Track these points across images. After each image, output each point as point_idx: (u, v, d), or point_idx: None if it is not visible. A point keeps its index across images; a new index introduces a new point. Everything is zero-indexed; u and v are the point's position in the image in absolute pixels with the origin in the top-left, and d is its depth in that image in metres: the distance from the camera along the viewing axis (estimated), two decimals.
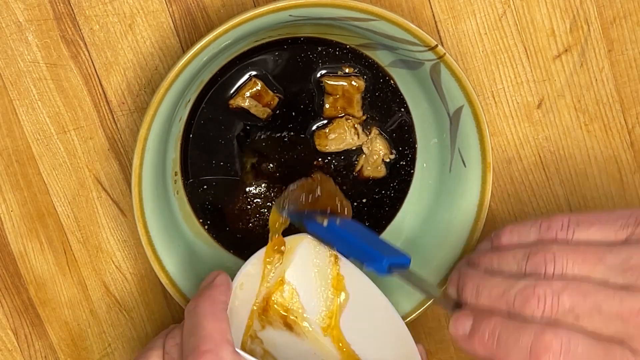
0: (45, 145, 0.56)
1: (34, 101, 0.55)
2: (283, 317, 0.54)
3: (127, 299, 0.59)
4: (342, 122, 0.57)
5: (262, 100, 0.55)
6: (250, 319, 0.52)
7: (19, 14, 0.54)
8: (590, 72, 0.58)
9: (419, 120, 0.57)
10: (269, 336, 0.53)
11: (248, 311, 0.52)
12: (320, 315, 0.54)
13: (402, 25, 0.49)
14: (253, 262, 0.52)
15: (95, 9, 0.54)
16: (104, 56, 0.55)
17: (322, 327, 0.54)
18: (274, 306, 0.54)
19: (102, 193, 0.57)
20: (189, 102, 0.54)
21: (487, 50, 0.57)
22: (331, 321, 0.54)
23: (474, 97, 0.52)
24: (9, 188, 0.56)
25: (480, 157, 0.54)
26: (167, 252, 0.53)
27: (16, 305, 0.58)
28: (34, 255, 0.57)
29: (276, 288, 0.54)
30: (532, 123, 0.59)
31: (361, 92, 0.56)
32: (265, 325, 0.53)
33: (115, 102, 0.56)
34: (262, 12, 0.48)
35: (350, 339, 0.54)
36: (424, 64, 0.52)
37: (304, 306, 0.54)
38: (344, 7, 0.49)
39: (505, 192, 0.60)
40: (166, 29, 0.55)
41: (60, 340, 0.59)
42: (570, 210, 0.60)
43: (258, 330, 0.53)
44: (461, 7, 0.57)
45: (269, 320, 0.53)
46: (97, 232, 0.58)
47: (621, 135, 0.60)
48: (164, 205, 0.54)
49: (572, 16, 0.57)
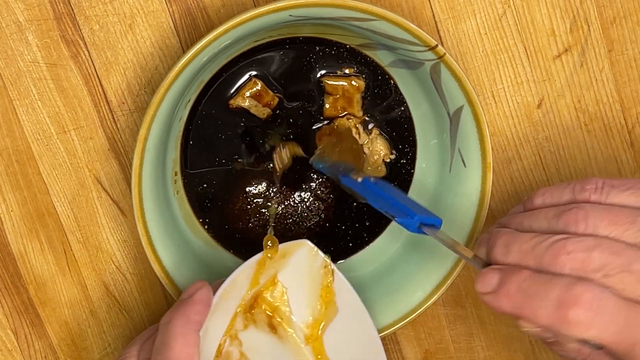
0: (45, 145, 0.56)
1: (34, 101, 0.55)
2: (269, 317, 0.54)
3: (127, 299, 0.59)
4: (343, 122, 0.57)
5: (262, 100, 0.55)
6: (233, 320, 0.52)
7: (19, 14, 0.54)
8: (590, 72, 0.58)
9: (419, 120, 0.57)
10: (250, 337, 0.53)
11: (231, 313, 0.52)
12: (305, 323, 0.54)
13: (402, 25, 0.49)
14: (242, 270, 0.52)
15: (95, 9, 0.54)
16: (104, 56, 0.55)
17: (306, 335, 0.54)
18: (262, 305, 0.53)
19: (102, 193, 0.57)
20: (189, 102, 0.54)
21: (487, 50, 0.57)
22: (315, 331, 0.54)
23: (474, 97, 0.52)
24: (9, 188, 0.56)
25: (480, 157, 0.54)
26: (167, 252, 0.53)
27: (16, 305, 0.58)
28: (34, 255, 0.57)
29: (267, 287, 0.54)
30: (532, 123, 0.59)
31: (361, 92, 0.56)
32: (249, 324, 0.53)
33: (115, 102, 0.56)
34: (262, 12, 0.48)
35: (330, 354, 0.54)
36: (424, 64, 0.52)
37: (292, 309, 0.54)
38: (344, 7, 0.49)
39: (505, 192, 0.60)
40: (166, 29, 0.55)
41: (60, 340, 0.59)
42: None
43: (240, 330, 0.52)
44: (461, 7, 0.57)
45: (254, 318, 0.53)
46: (97, 232, 0.58)
47: (621, 135, 0.60)
48: (164, 205, 0.54)
49: (572, 16, 0.57)
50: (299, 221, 0.58)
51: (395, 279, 0.57)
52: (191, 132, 0.55)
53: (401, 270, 0.57)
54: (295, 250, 0.54)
